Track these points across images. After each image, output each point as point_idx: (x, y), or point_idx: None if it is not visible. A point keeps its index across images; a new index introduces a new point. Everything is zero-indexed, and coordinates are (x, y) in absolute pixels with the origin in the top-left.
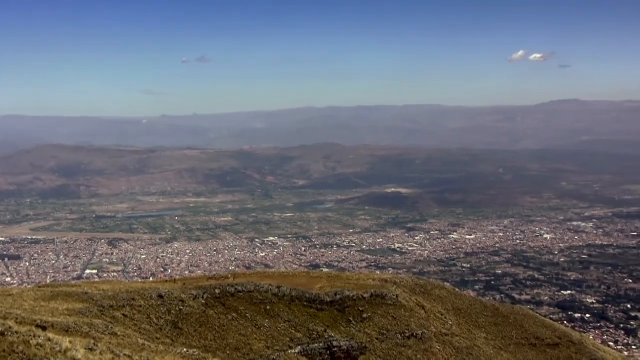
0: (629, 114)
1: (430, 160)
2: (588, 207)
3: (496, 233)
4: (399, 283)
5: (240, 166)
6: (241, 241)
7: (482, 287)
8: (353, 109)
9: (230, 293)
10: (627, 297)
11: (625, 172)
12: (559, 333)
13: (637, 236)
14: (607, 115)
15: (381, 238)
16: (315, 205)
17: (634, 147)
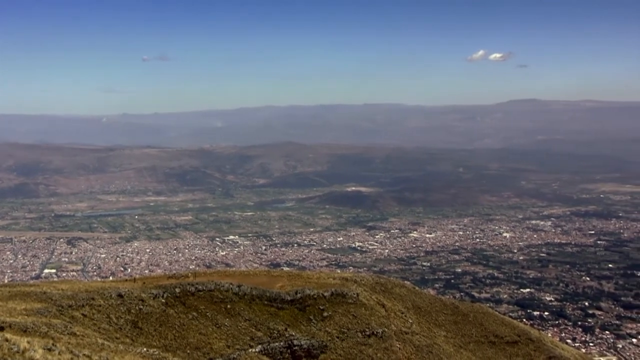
0: (586, 114)
1: (391, 159)
2: (546, 205)
3: (456, 232)
4: (359, 282)
5: (200, 165)
6: (201, 240)
7: (442, 285)
8: (313, 108)
9: (190, 292)
10: (584, 295)
11: (583, 171)
12: (517, 331)
13: (595, 234)
14: (564, 115)
15: (342, 237)
16: (276, 204)
17: (591, 146)
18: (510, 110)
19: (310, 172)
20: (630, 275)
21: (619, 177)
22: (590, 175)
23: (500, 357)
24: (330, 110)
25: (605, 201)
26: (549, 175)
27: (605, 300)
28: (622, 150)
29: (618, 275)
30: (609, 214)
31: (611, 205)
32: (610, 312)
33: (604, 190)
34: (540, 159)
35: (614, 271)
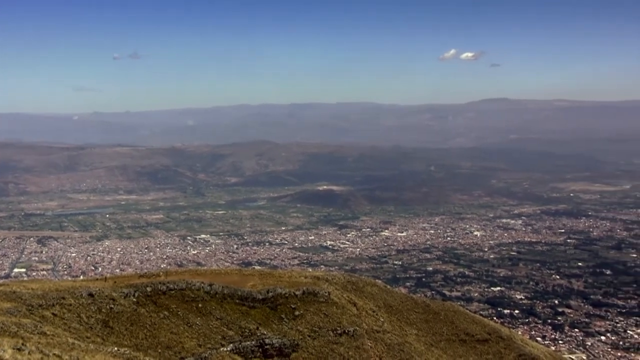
0: (557, 113)
1: (363, 158)
2: (517, 204)
3: (427, 230)
4: (330, 280)
5: (172, 164)
6: (173, 239)
7: (413, 284)
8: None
9: (161, 291)
10: (554, 293)
11: (554, 170)
12: (488, 329)
13: (565, 233)
14: (535, 114)
15: (313, 235)
16: (248, 202)
17: (562, 145)
18: (482, 109)
19: (282, 171)
20: (600, 273)
21: (589, 176)
22: (560, 175)
23: (471, 355)
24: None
25: (575, 200)
26: (520, 174)
27: (574, 298)
28: (592, 150)
29: (587, 273)
30: (579, 213)
31: (581, 204)
32: (579, 310)
33: (574, 189)
34: (512, 158)
35: (584, 269)
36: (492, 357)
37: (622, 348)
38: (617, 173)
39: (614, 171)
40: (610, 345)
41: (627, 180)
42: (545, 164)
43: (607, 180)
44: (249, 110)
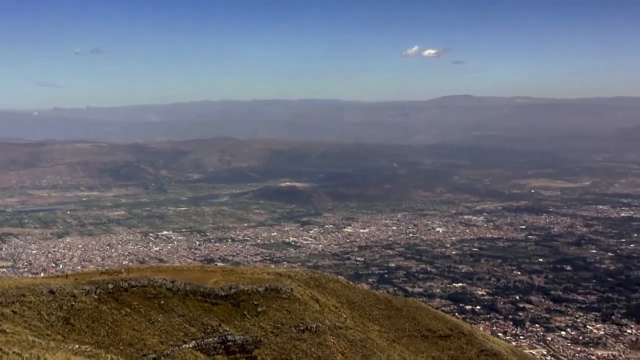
0: (519, 110)
1: (326, 154)
2: (479, 200)
3: (390, 227)
4: (293, 277)
5: (134, 160)
6: (135, 235)
7: (375, 280)
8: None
9: (123, 288)
10: (515, 289)
11: (515, 167)
12: (450, 325)
13: (526, 229)
14: (497, 111)
15: (276, 232)
16: (210, 199)
17: (523, 142)
18: (445, 106)
19: (245, 168)
20: (560, 269)
21: (549, 173)
22: (522, 171)
23: (433, 351)
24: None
25: (536, 196)
26: (481, 170)
27: (535, 294)
28: (553, 147)
29: (548, 269)
30: (540, 209)
31: (542, 201)
32: (540, 306)
33: (535, 185)
34: (474, 154)
35: (544, 265)
36: (454, 353)
37: (581, 343)
38: (577, 170)
39: (574, 168)
40: (570, 340)
41: (587, 177)
42: (506, 160)
43: (567, 176)
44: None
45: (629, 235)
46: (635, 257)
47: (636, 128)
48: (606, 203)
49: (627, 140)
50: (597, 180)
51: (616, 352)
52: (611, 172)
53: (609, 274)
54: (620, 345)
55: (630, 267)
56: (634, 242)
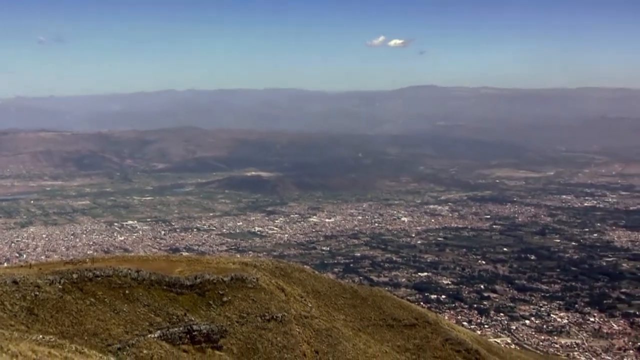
0: (484, 101)
1: (291, 144)
2: (444, 190)
3: (355, 216)
4: (259, 266)
5: (98, 149)
6: (99, 225)
7: (341, 269)
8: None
9: (88, 278)
10: (480, 278)
11: (480, 157)
12: (415, 314)
13: (491, 219)
14: (462, 101)
15: (241, 221)
16: (175, 188)
17: (488, 132)
18: (410, 96)
19: (210, 157)
20: (524, 258)
21: (514, 163)
22: (486, 161)
23: (398, 340)
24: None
25: (501, 186)
26: (446, 160)
27: (500, 283)
28: (517, 137)
29: (512, 258)
30: (504, 199)
31: (506, 190)
32: (504, 295)
33: (500, 175)
34: (439, 144)
35: (509, 255)
36: (419, 342)
37: (545, 331)
38: (541, 160)
39: (538, 158)
40: (534, 329)
41: (551, 166)
42: (471, 150)
43: (531, 166)
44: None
45: (592, 224)
46: (598, 246)
47: (599, 118)
48: (570, 193)
49: (590, 131)
50: (561, 170)
51: (579, 340)
52: (575, 162)
53: (572, 263)
54: (583, 334)
55: (593, 256)
56: (597, 231)
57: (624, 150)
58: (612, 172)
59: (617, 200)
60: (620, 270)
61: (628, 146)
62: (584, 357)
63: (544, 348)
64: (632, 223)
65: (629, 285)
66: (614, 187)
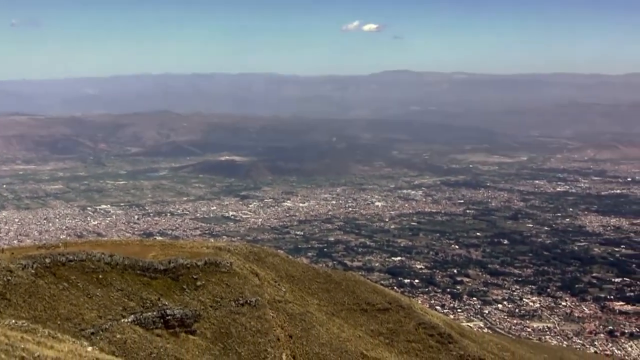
0: (458, 86)
1: (265, 128)
2: (418, 175)
3: (329, 201)
4: (232, 251)
5: (72, 133)
6: (73, 209)
7: (315, 254)
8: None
9: (61, 262)
10: (453, 263)
11: (453, 142)
12: (389, 298)
13: (464, 204)
14: (436, 86)
15: (215, 206)
16: (149, 173)
17: (461, 117)
18: (384, 81)
19: (184, 141)
20: (497, 243)
21: (487, 148)
22: (459, 146)
23: (372, 324)
24: (205, 79)
25: (474, 171)
26: (420, 145)
27: (473, 267)
28: (490, 122)
29: (485, 243)
30: (478, 184)
31: (479, 175)
32: (477, 279)
33: (473, 160)
34: (413, 129)
35: (482, 239)
36: (392, 326)
37: (517, 315)
38: (515, 145)
39: (511, 143)
40: (506, 313)
41: (524, 152)
42: (444, 135)
43: (504, 151)
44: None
45: (565, 209)
46: (570, 231)
47: (572, 104)
48: (542, 178)
49: (563, 116)
50: (534, 155)
51: (551, 324)
52: (547, 147)
53: (544, 248)
54: (555, 318)
55: (565, 240)
56: (569, 216)
57: (597, 135)
58: (585, 158)
59: (589, 185)
60: (591, 255)
61: (600, 132)
62: (555, 340)
63: (516, 332)
64: (603, 208)
65: (600, 269)
66: (586, 172)
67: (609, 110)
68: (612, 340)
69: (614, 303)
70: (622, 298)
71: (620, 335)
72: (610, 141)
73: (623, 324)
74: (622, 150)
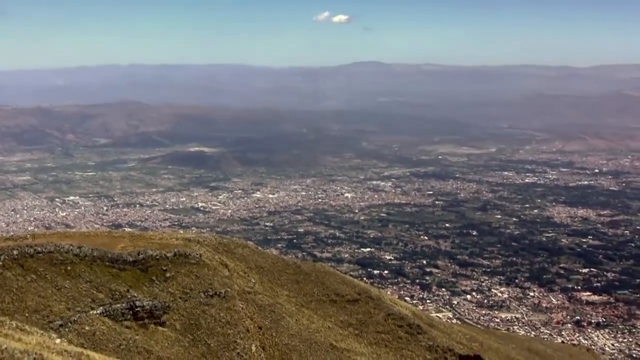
0: (427, 77)
1: (235, 119)
2: (387, 166)
3: (298, 192)
4: (202, 242)
5: (39, 124)
6: (40, 201)
7: (284, 245)
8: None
9: (29, 254)
10: (422, 254)
11: (422, 133)
12: (358, 289)
13: (433, 195)
14: (406, 78)
15: (184, 197)
16: (118, 164)
17: (430, 109)
18: (353, 72)
19: (153, 132)
20: (466, 234)
21: (456, 139)
22: (429, 137)
23: (341, 315)
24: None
25: (443, 162)
26: (389, 136)
27: (442, 258)
28: (459, 113)
29: (454, 234)
30: (447, 175)
31: (448, 167)
32: (446, 270)
33: (442, 151)
34: (382, 120)
35: (451, 230)
36: (362, 317)
37: (486, 306)
38: (483, 136)
39: (480, 134)
40: (475, 304)
41: (493, 143)
42: (414, 126)
43: (473, 143)
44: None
45: (533, 200)
46: (538, 222)
47: (540, 96)
48: (511, 169)
49: (531, 108)
50: (503, 146)
51: (519, 314)
52: (516, 138)
53: (513, 239)
54: (523, 308)
55: (533, 231)
56: (537, 207)
57: (565, 127)
58: (553, 149)
59: (557, 176)
60: (559, 246)
61: (568, 123)
62: (523, 331)
63: (485, 322)
64: (571, 199)
65: (568, 260)
66: (555, 163)
67: (577, 102)
68: (579, 330)
69: (581, 293)
70: (589, 288)
71: (587, 325)
72: (578, 133)
73: (590, 314)
74: (589, 142)
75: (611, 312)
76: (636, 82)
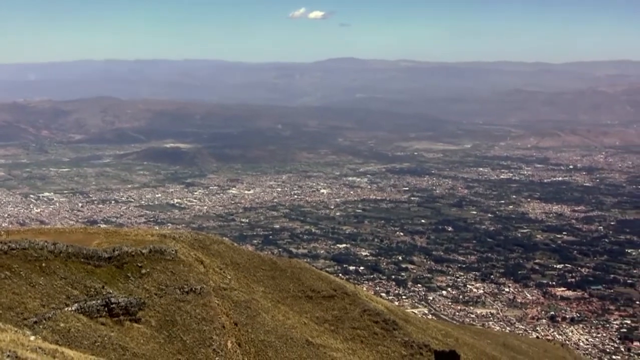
0: (403, 73)
1: (210, 115)
2: (363, 162)
3: (274, 188)
4: (177, 238)
5: (13, 119)
6: (15, 197)
7: (260, 241)
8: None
9: (3, 250)
10: (398, 249)
11: (398, 130)
12: (334, 285)
13: (409, 191)
14: (382, 74)
15: (160, 193)
16: (93, 160)
17: (405, 105)
18: (329, 68)
19: (129, 128)
20: (442, 230)
21: (432, 135)
22: (404, 134)
23: (317, 311)
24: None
25: (419, 158)
26: (365, 132)
27: (417, 254)
28: (435, 110)
29: (430, 230)
30: (422, 171)
31: (424, 163)
32: (422, 266)
33: (418, 147)
34: (358, 117)
35: (426, 226)
36: (338, 313)
37: (461, 302)
38: (459, 132)
39: (456, 130)
40: (450, 299)
41: (469, 139)
42: (390, 123)
43: (449, 139)
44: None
45: (508, 196)
46: (513, 218)
47: (515, 92)
48: (486, 165)
49: (506, 104)
50: (478, 142)
51: (494, 310)
52: (491, 135)
53: (488, 235)
54: (498, 304)
55: (508, 227)
56: (512, 203)
57: (539, 123)
58: (528, 145)
59: (532, 172)
60: (534, 242)
61: (543, 119)
62: (498, 326)
63: (460, 318)
64: (546, 195)
65: (543, 256)
66: (529, 159)
67: (552, 98)
68: (554, 326)
69: (555, 289)
70: (564, 284)
71: (561, 321)
72: (553, 129)
73: (564, 310)
74: (564, 138)
75: (585, 308)
76: (610, 79)
